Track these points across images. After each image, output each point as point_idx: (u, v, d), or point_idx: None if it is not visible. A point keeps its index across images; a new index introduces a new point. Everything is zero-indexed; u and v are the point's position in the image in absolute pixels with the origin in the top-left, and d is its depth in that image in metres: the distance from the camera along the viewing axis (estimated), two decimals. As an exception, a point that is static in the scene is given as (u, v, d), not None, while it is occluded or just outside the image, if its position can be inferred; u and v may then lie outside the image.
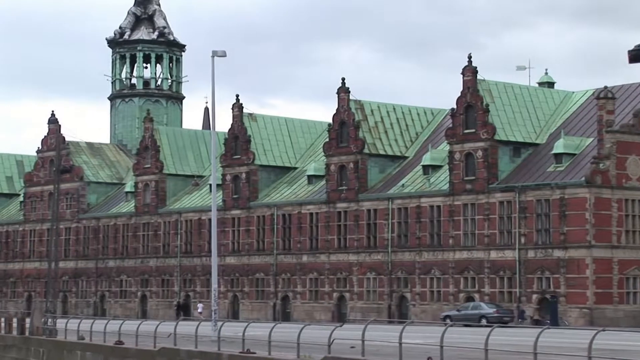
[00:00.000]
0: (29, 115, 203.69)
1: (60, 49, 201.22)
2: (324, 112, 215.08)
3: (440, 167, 67.53)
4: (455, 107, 65.18)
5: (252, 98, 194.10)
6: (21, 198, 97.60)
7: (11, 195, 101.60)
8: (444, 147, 67.86)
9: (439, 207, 65.44)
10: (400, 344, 27.83)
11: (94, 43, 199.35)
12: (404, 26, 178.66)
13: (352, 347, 31.26)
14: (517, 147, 64.40)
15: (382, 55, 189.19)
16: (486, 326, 50.51)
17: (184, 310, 76.51)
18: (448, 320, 54.20)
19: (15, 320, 54.08)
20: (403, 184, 68.34)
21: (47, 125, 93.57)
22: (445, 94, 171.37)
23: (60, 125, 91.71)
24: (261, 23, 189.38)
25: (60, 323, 49.78)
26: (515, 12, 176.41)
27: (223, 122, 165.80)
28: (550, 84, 73.37)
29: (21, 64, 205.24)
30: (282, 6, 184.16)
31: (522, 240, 61.24)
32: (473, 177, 63.61)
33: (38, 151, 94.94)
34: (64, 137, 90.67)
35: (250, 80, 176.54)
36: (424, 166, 68.60)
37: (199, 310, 76.62)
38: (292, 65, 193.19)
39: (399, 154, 71.95)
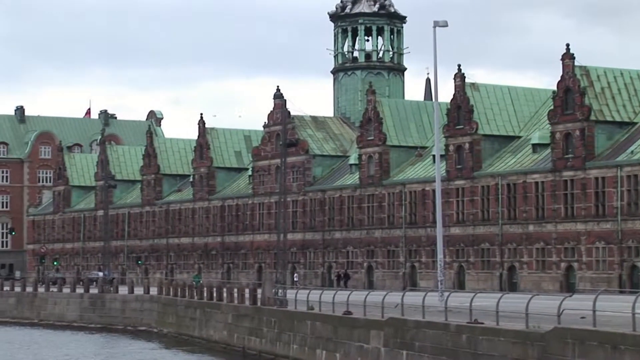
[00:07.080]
0: (255, 91, 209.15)
1: (284, 26, 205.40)
2: (526, 80, 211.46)
3: (671, 132, 65.20)
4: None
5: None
6: (249, 172, 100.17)
7: (240, 170, 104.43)
8: (676, 111, 65.46)
9: (670, 173, 63.26)
10: (634, 314, 27.17)
11: (317, 18, 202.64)
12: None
13: (583, 318, 30.70)
14: None
15: (575, 21, 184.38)
16: None
17: (344, 280, 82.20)
18: (682, 291, 52.38)
19: (247, 290, 55.83)
20: (632, 151, 66.32)
21: (273, 101, 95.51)
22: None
23: (285, 100, 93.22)
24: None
25: (290, 294, 51.01)
26: None
27: (444, 92, 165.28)
28: None
29: (247, 43, 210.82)
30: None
31: None
32: None
33: (264, 126, 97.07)
34: (289, 112, 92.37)
35: (447, 50, 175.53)
36: (654, 132, 66.46)
37: (295, 278, 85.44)
38: (487, 35, 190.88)
39: (627, 119, 69.85)
